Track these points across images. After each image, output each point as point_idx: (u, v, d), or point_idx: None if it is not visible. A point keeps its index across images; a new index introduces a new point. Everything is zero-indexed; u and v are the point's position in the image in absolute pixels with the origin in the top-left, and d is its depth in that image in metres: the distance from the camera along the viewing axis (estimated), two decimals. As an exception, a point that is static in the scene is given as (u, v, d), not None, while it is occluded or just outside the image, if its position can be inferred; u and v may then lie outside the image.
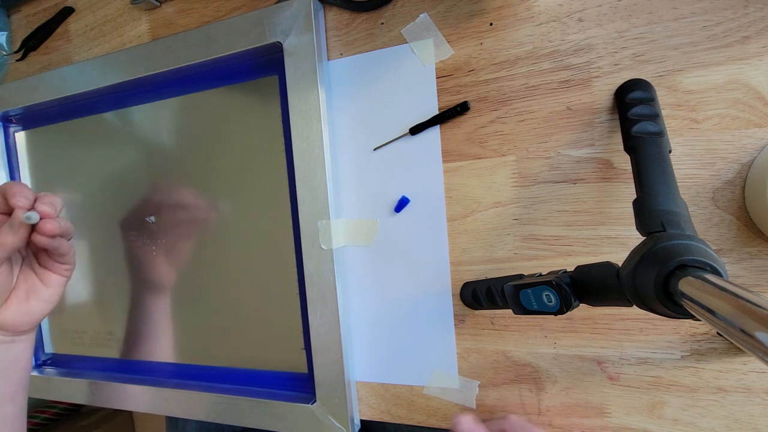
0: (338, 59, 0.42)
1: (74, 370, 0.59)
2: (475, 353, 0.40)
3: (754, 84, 0.32)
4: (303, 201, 0.42)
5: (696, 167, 0.33)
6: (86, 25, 0.54)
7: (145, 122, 0.52)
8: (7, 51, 0.58)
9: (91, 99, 0.54)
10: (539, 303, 0.28)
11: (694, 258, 0.20)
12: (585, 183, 0.36)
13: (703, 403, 0.34)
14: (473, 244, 0.39)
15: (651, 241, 0.22)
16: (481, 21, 0.38)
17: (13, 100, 0.55)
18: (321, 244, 0.41)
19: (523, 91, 0.37)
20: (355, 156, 0.42)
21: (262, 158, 0.47)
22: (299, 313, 0.46)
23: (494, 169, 0.38)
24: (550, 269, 0.36)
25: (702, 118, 0.33)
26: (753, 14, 0.31)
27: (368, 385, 0.44)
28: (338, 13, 0.42)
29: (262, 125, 0.46)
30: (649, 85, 0.33)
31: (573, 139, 0.36)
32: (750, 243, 0.33)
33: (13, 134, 0.60)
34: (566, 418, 0.38)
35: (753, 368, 0.33)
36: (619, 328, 0.36)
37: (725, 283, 0.17)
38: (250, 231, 0.48)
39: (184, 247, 0.51)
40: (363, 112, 0.42)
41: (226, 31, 0.44)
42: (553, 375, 0.38)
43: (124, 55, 0.49)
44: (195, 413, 0.48)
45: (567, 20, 0.35)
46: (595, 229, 0.36)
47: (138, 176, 0.53)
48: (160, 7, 0.50)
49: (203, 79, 0.49)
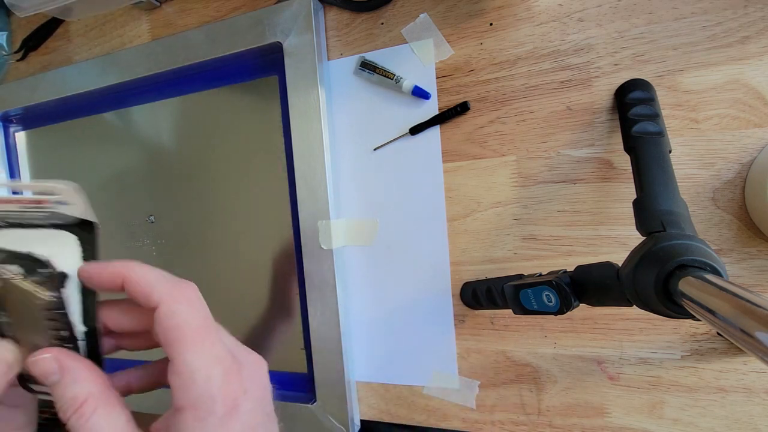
0: (338, 59, 0.42)
1: (74, 370, 0.59)
2: (475, 353, 0.40)
3: (754, 84, 0.32)
4: (303, 201, 0.42)
5: (696, 167, 0.33)
6: (86, 25, 0.54)
7: (145, 122, 0.52)
8: (7, 51, 0.58)
9: (91, 99, 0.54)
10: (539, 303, 0.28)
11: (694, 258, 0.20)
12: (585, 183, 0.36)
13: (703, 403, 0.34)
14: (473, 244, 0.39)
15: (651, 241, 0.22)
16: (481, 21, 0.38)
17: (13, 100, 0.55)
18: (321, 244, 0.41)
19: (523, 91, 0.37)
20: (355, 156, 0.42)
21: (262, 158, 0.47)
22: (299, 313, 0.46)
23: (494, 169, 0.38)
24: (550, 269, 0.35)
25: (702, 118, 0.33)
26: (753, 14, 0.31)
27: (368, 385, 0.44)
28: (338, 13, 0.42)
29: (262, 125, 0.46)
30: (649, 85, 0.33)
31: (573, 139, 0.36)
32: (750, 243, 0.33)
33: (13, 134, 0.60)
34: (566, 418, 0.38)
35: (753, 368, 0.33)
36: (619, 328, 0.36)
37: (725, 283, 0.17)
38: (250, 231, 0.48)
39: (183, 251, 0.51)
40: (363, 111, 0.42)
41: (226, 31, 0.44)
42: (553, 375, 0.38)
43: (124, 55, 0.49)
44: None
45: (567, 20, 0.35)
46: (595, 229, 0.36)
47: (138, 176, 0.53)
48: (160, 7, 0.50)
49: (203, 79, 0.49)
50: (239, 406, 0.19)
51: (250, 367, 0.21)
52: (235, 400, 0.19)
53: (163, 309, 0.19)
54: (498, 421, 0.39)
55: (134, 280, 0.20)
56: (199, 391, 0.18)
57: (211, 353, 0.19)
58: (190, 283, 0.21)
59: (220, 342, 0.20)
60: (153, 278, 0.20)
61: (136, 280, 0.20)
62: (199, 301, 0.21)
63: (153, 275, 0.20)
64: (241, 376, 0.20)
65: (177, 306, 0.20)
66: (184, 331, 0.19)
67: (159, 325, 0.19)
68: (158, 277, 0.20)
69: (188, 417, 0.18)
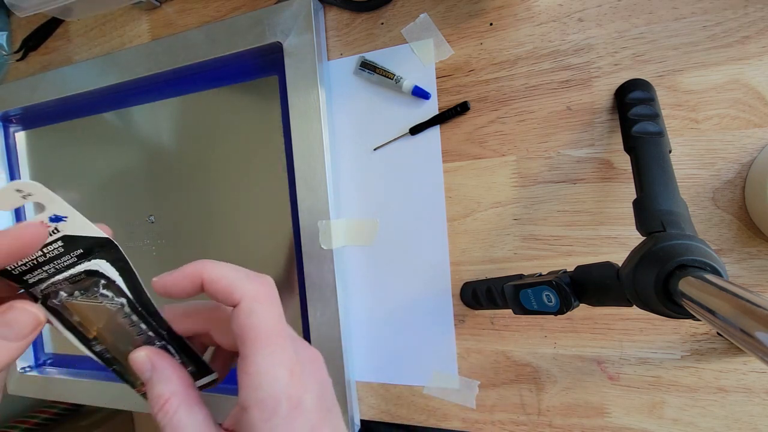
0: (338, 59, 0.42)
1: (74, 370, 0.59)
2: (475, 353, 0.40)
3: (754, 84, 0.32)
4: (303, 201, 0.42)
5: (696, 167, 0.33)
6: (86, 25, 0.54)
7: (145, 122, 0.52)
8: (7, 51, 0.58)
9: (91, 99, 0.54)
10: (539, 303, 0.28)
11: (694, 258, 0.20)
12: (585, 183, 0.36)
13: (703, 403, 0.34)
14: (473, 244, 0.39)
15: (651, 241, 0.22)
16: (481, 21, 0.38)
17: (13, 100, 0.55)
18: (321, 244, 0.41)
19: (523, 91, 0.37)
20: (355, 156, 0.42)
21: (262, 158, 0.47)
22: (299, 313, 0.46)
23: (494, 169, 0.38)
24: (550, 269, 0.35)
25: (702, 118, 0.33)
26: (753, 14, 0.31)
27: (368, 385, 0.44)
28: (338, 13, 0.42)
29: (262, 125, 0.46)
30: (649, 85, 0.33)
31: (573, 139, 0.36)
32: (750, 243, 0.33)
33: (13, 134, 0.60)
34: (566, 418, 0.38)
35: (753, 368, 0.33)
36: (619, 328, 0.36)
37: (725, 283, 0.17)
38: (250, 231, 0.48)
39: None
40: (363, 111, 0.42)
41: (226, 31, 0.44)
42: (553, 375, 0.38)
43: (124, 55, 0.49)
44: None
45: (567, 20, 0.35)
46: (595, 229, 0.36)
47: (138, 176, 0.53)
48: (160, 7, 0.50)
49: (203, 79, 0.49)
50: (302, 405, 0.20)
51: (310, 365, 0.22)
52: (298, 399, 0.20)
53: (243, 306, 0.20)
54: (498, 421, 0.39)
55: (214, 279, 0.21)
56: (264, 393, 0.19)
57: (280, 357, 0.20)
58: (267, 277, 0.22)
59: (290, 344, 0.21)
60: (233, 275, 0.21)
61: (216, 278, 0.21)
62: (276, 298, 0.22)
63: (231, 271, 0.21)
64: (303, 375, 0.21)
65: (256, 305, 0.20)
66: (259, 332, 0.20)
67: (236, 322, 0.20)
68: (237, 273, 0.21)
69: (254, 416, 0.19)
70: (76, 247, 0.21)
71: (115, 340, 0.23)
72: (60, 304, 0.22)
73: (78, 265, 0.21)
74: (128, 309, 0.22)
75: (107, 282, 0.22)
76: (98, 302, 0.22)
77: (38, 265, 0.20)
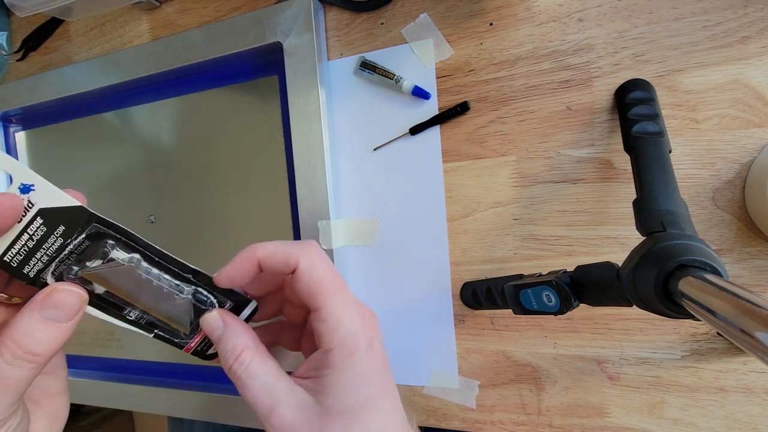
0: (338, 59, 0.42)
1: (74, 370, 0.59)
2: (475, 353, 0.40)
3: (754, 84, 0.32)
4: (303, 201, 0.42)
5: (696, 167, 0.33)
6: (86, 25, 0.54)
7: (145, 122, 0.52)
8: (7, 51, 0.58)
9: (91, 99, 0.54)
10: (539, 303, 0.28)
11: (694, 258, 0.20)
12: (585, 183, 0.36)
13: (703, 403, 0.34)
14: (473, 244, 0.39)
15: (651, 241, 0.22)
16: (481, 21, 0.38)
17: (13, 100, 0.55)
18: (321, 244, 0.41)
19: (523, 91, 0.37)
20: (355, 156, 0.42)
21: (262, 158, 0.47)
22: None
23: (494, 169, 0.38)
24: (550, 269, 0.35)
25: (702, 118, 0.33)
26: (753, 14, 0.31)
27: (368, 385, 0.44)
28: (338, 13, 0.42)
29: (262, 125, 0.46)
30: (649, 85, 0.33)
31: (573, 139, 0.36)
32: (750, 243, 0.33)
33: (13, 134, 0.60)
34: (566, 418, 0.38)
35: (753, 368, 0.33)
36: (619, 328, 0.36)
37: (725, 283, 0.17)
38: (250, 230, 0.48)
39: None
40: (363, 111, 0.42)
41: (226, 31, 0.44)
42: (553, 375, 0.38)
43: (124, 55, 0.48)
44: (195, 413, 0.48)
45: (567, 20, 0.35)
46: (595, 229, 0.36)
47: (138, 176, 0.53)
48: (160, 7, 0.50)
49: (203, 79, 0.49)
50: (374, 344, 0.23)
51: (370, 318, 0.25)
52: (371, 338, 0.23)
53: (303, 266, 0.23)
54: (498, 421, 0.39)
55: (268, 254, 0.23)
56: (345, 333, 0.22)
57: (349, 302, 0.23)
58: (312, 241, 0.25)
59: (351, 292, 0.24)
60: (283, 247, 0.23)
61: (269, 253, 0.23)
62: (327, 256, 0.24)
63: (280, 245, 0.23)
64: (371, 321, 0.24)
65: (314, 263, 0.23)
66: (325, 283, 0.22)
67: (301, 281, 0.23)
68: (285, 244, 0.23)
69: (338, 355, 0.22)
70: (58, 223, 0.20)
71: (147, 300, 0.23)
72: (76, 278, 0.21)
73: (78, 236, 0.21)
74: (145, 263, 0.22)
75: (114, 240, 0.21)
76: (114, 264, 0.22)
77: (31, 252, 0.20)
